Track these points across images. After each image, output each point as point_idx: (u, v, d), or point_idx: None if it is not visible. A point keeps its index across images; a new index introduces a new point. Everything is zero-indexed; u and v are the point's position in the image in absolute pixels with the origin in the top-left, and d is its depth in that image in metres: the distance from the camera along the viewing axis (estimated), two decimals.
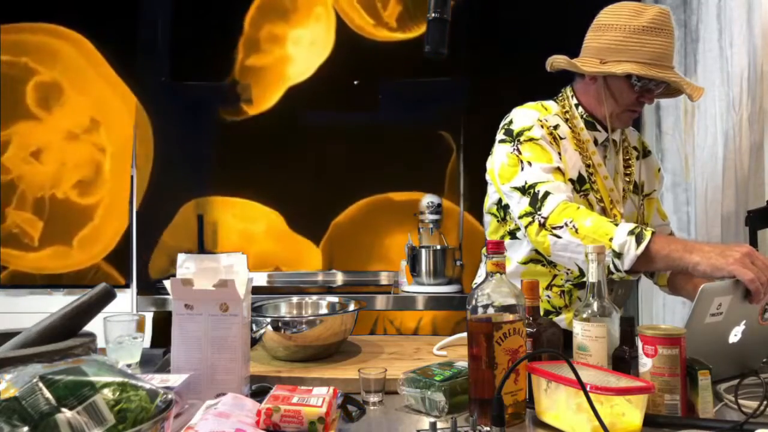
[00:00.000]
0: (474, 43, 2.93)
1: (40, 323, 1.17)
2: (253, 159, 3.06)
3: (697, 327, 1.19)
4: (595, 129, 1.63)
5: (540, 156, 1.54)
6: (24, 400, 0.78)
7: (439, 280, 2.73)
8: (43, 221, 2.88)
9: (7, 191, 2.88)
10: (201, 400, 1.11)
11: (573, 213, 1.42)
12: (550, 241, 1.43)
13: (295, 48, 3.06)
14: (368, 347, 1.57)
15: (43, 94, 2.90)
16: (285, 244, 3.08)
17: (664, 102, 2.51)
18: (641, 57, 1.50)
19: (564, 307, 1.64)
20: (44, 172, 2.90)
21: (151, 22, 2.97)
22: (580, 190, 1.59)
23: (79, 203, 2.90)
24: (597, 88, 1.60)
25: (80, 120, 2.91)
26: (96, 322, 1.24)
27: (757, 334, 1.32)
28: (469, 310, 1.11)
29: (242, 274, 1.24)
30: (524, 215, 1.50)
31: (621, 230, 1.35)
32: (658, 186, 1.79)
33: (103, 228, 2.90)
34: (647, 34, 1.50)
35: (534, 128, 1.57)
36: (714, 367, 1.12)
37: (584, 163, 1.60)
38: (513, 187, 1.53)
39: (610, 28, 1.54)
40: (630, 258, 1.32)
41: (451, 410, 1.13)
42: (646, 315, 2.57)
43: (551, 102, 1.68)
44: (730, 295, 1.22)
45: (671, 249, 1.31)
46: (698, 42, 2.29)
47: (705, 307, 1.20)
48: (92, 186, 2.90)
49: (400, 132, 3.03)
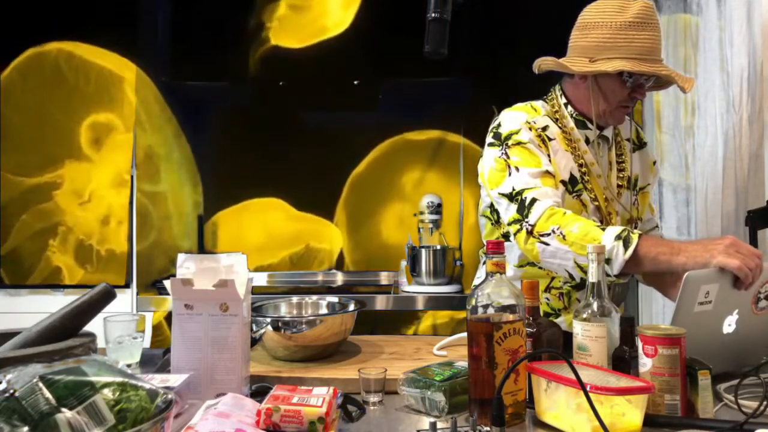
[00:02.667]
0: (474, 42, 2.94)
1: (40, 323, 1.17)
2: (252, 152, 3.08)
3: (687, 316, 1.20)
4: (585, 127, 1.62)
5: (528, 160, 1.53)
6: (24, 400, 0.78)
7: (439, 280, 2.73)
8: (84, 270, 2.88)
9: (52, 232, 2.89)
10: (201, 400, 1.11)
11: (560, 219, 1.42)
12: (539, 248, 1.44)
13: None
14: (368, 347, 1.57)
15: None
16: (302, 225, 3.11)
17: (664, 101, 2.51)
18: (631, 53, 1.50)
19: (563, 309, 1.64)
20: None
21: (151, 22, 2.97)
22: (573, 190, 1.59)
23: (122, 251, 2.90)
24: (587, 87, 1.59)
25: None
26: (96, 322, 1.24)
27: (754, 325, 1.33)
28: (469, 310, 1.11)
29: (242, 274, 1.24)
30: (512, 222, 1.50)
31: (608, 235, 1.35)
32: (653, 179, 1.77)
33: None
34: (634, 29, 1.50)
35: (522, 132, 1.57)
36: (712, 359, 1.12)
37: (576, 162, 1.60)
38: (501, 193, 1.54)
39: (596, 26, 1.53)
40: (619, 263, 1.33)
41: (451, 410, 1.13)
42: (646, 315, 2.57)
43: (540, 102, 1.67)
44: (716, 282, 1.23)
45: (658, 252, 1.33)
46: (698, 42, 2.29)
47: (692, 295, 1.20)
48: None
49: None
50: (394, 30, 2.89)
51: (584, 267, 1.40)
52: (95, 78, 2.89)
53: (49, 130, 2.87)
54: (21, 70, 2.88)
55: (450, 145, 3.09)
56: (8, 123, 2.86)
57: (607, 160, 1.66)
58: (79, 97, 2.88)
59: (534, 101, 1.67)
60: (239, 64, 3.03)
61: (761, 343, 1.39)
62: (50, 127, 2.87)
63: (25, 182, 2.87)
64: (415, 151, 3.10)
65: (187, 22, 3.03)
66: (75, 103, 2.88)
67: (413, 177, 3.09)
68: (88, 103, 2.88)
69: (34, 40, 2.88)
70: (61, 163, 2.87)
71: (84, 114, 2.87)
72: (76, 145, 2.88)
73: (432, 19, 1.67)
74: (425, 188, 3.00)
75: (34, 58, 2.89)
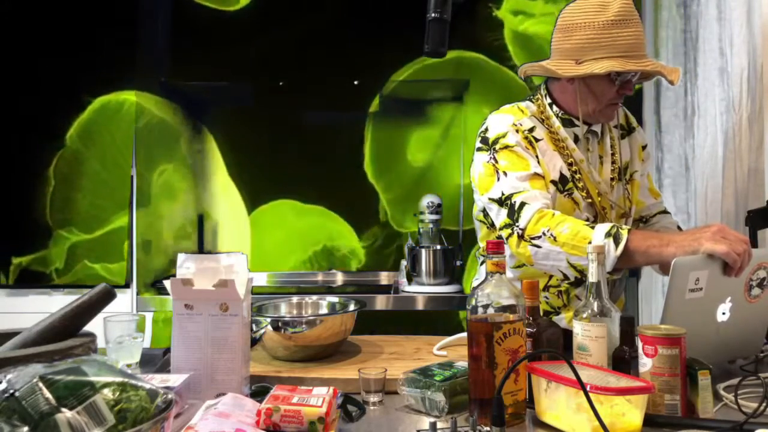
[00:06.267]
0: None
1: (40, 323, 1.17)
2: (252, 152, 3.09)
3: (678, 303, 1.20)
4: (573, 125, 1.61)
5: (516, 164, 1.54)
6: (24, 400, 0.78)
7: (439, 280, 2.73)
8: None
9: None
10: (201, 400, 1.11)
11: (549, 221, 1.43)
12: (531, 251, 1.45)
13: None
14: (368, 347, 1.57)
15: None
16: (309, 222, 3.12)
17: (664, 101, 2.51)
18: (616, 51, 1.49)
19: (563, 306, 1.64)
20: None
21: (152, 22, 2.97)
22: (564, 189, 1.59)
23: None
24: (575, 89, 1.59)
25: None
26: (96, 322, 1.24)
27: (748, 313, 1.33)
28: (469, 310, 1.11)
29: (242, 274, 1.24)
30: (504, 227, 1.51)
31: (598, 233, 1.36)
32: (643, 166, 1.75)
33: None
34: (617, 27, 1.50)
35: (509, 135, 1.57)
36: (707, 348, 1.12)
37: (565, 162, 1.60)
38: (491, 198, 1.55)
39: (579, 27, 1.52)
40: (611, 260, 1.34)
41: (451, 410, 1.13)
42: (646, 315, 2.57)
43: (528, 103, 1.67)
44: (706, 269, 1.23)
45: (648, 245, 1.34)
46: (698, 42, 2.29)
47: (681, 281, 1.20)
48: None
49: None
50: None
51: (577, 266, 1.41)
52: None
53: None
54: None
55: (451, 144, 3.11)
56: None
57: (598, 154, 1.65)
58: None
59: (521, 102, 1.67)
60: (239, 64, 3.03)
61: (757, 332, 1.40)
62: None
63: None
64: (416, 150, 3.11)
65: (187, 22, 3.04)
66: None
67: (413, 177, 3.10)
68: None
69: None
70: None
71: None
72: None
73: (432, 19, 1.67)
74: (425, 188, 3.00)
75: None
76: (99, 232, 2.77)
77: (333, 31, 3.00)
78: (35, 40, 2.80)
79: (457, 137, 3.08)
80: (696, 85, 2.29)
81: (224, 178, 3.15)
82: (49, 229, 2.76)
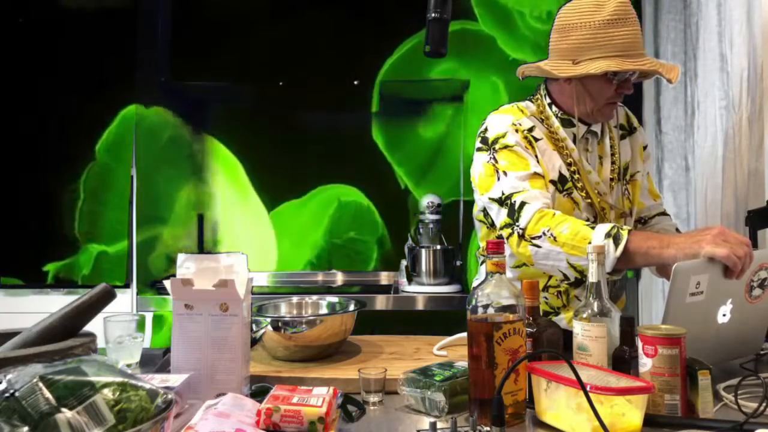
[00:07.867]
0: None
1: (40, 323, 1.17)
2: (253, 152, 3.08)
3: (679, 307, 1.20)
4: (572, 125, 1.61)
5: (516, 164, 1.54)
6: (24, 400, 0.78)
7: (439, 280, 2.73)
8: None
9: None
10: (201, 400, 1.11)
11: (549, 221, 1.43)
12: (531, 251, 1.45)
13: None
14: (368, 347, 1.57)
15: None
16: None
17: (664, 101, 2.51)
18: (613, 50, 1.49)
19: (562, 307, 1.64)
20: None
21: (151, 22, 2.97)
22: (563, 189, 1.59)
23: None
24: (573, 89, 1.58)
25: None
26: (96, 322, 1.24)
27: (749, 314, 1.33)
28: (469, 310, 1.11)
29: (242, 274, 1.24)
30: (504, 227, 1.51)
31: (598, 233, 1.36)
32: (643, 166, 1.74)
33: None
34: (613, 26, 1.49)
35: (508, 135, 1.57)
36: (707, 349, 1.12)
37: (565, 162, 1.59)
38: (491, 198, 1.55)
39: (575, 27, 1.52)
40: (610, 260, 1.34)
41: (451, 410, 1.13)
42: (646, 315, 2.57)
43: (527, 102, 1.67)
44: (706, 273, 1.23)
45: (648, 246, 1.33)
46: (698, 42, 2.29)
47: (683, 286, 1.20)
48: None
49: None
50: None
51: (577, 266, 1.41)
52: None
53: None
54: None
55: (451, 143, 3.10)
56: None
57: (597, 154, 1.65)
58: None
59: (521, 102, 1.67)
60: (239, 64, 3.03)
61: (757, 332, 1.40)
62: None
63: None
64: (416, 149, 3.11)
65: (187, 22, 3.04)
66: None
67: (413, 176, 3.10)
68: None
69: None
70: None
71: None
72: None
73: (432, 19, 1.68)
74: (426, 188, 3.00)
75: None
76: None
77: (333, 31, 3.00)
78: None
79: (457, 137, 3.09)
80: (696, 85, 2.29)
81: (226, 178, 3.14)
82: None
